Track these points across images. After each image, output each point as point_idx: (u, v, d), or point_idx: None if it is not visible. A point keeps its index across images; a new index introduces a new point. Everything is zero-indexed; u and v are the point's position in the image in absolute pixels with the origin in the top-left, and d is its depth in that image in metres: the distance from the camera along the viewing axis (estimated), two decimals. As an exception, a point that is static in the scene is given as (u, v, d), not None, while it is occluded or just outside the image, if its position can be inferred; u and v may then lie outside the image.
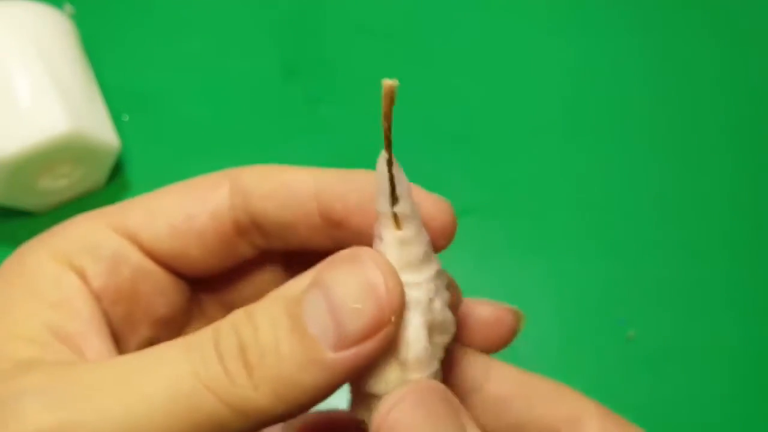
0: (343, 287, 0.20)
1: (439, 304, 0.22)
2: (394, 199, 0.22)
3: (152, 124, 0.52)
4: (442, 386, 0.21)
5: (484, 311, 0.27)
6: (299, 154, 0.49)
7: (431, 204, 0.24)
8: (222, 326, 0.20)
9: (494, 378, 0.25)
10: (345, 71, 0.55)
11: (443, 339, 0.22)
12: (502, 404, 0.24)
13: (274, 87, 0.54)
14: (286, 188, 0.24)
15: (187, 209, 0.24)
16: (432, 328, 0.22)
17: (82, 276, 0.23)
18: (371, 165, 0.24)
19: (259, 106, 0.53)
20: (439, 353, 0.22)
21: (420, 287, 0.22)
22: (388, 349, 0.21)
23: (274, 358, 0.19)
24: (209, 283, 0.26)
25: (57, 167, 0.45)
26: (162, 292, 0.24)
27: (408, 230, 0.22)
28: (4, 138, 0.43)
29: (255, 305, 0.20)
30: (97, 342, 0.22)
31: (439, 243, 0.24)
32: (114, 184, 0.50)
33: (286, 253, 0.26)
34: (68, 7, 0.54)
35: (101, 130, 0.46)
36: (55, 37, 0.48)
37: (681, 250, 0.49)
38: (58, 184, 0.47)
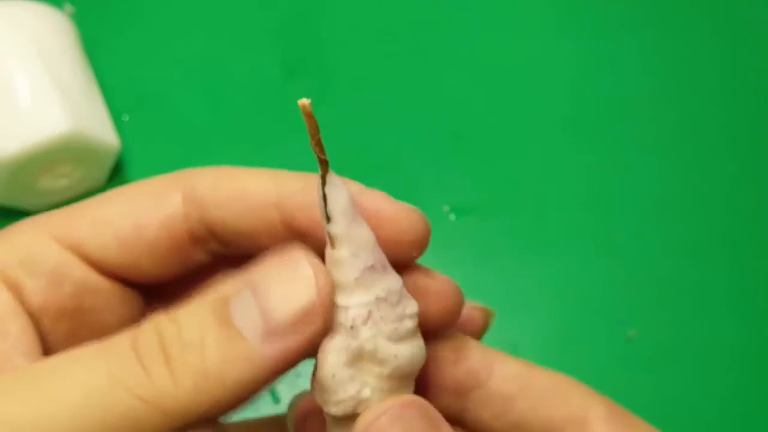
0: (272, 282, 0.19)
1: (368, 333, 0.21)
2: (327, 218, 0.21)
3: (152, 124, 0.52)
4: (422, 402, 0.21)
5: None
6: (299, 154, 0.49)
7: (400, 215, 0.22)
8: (141, 328, 0.19)
9: (498, 374, 0.24)
10: (345, 71, 0.55)
11: (381, 371, 0.21)
12: (505, 402, 0.23)
13: (274, 87, 0.54)
14: (244, 197, 0.23)
15: (136, 219, 0.22)
16: (360, 357, 0.21)
17: (18, 292, 0.22)
18: (371, 165, 0.24)
19: (259, 106, 0.53)
20: (378, 383, 0.21)
21: (345, 311, 0.21)
22: (315, 347, 0.20)
23: (197, 353, 0.19)
24: (163, 289, 0.25)
25: (57, 167, 0.45)
26: (110, 306, 0.23)
27: (339, 251, 0.21)
28: (4, 138, 0.43)
29: (178, 308, 0.20)
30: (21, 362, 0.21)
31: (409, 254, 0.22)
32: (114, 184, 0.50)
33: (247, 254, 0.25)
34: (68, 7, 0.54)
35: (101, 130, 0.46)
36: (55, 37, 0.48)
37: (681, 251, 0.49)
38: (58, 184, 0.47)
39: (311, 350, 0.20)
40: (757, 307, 0.48)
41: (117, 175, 0.50)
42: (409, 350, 0.22)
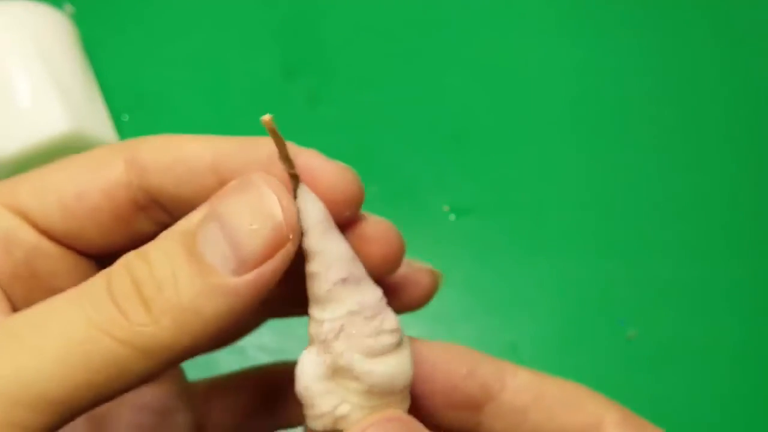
0: (237, 212, 0.19)
1: (341, 347, 0.21)
2: (301, 232, 0.21)
3: (152, 124, 0.52)
4: (406, 417, 0.21)
5: (401, 272, 0.25)
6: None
7: (332, 172, 0.22)
8: (113, 269, 0.19)
9: (510, 386, 0.23)
10: (345, 71, 0.55)
11: (358, 386, 0.21)
12: (519, 414, 0.23)
13: (274, 87, 0.54)
14: (182, 162, 0.22)
15: (78, 186, 0.22)
16: (336, 371, 0.21)
17: None
18: (371, 165, 0.24)
19: (259, 106, 0.53)
20: (360, 399, 0.21)
21: (319, 324, 0.21)
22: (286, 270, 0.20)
23: (172, 290, 0.19)
24: (115, 258, 0.25)
25: (57, 167, 0.45)
26: (64, 273, 0.23)
27: (311, 265, 0.21)
28: (4, 138, 0.43)
29: (149, 244, 0.20)
30: None
31: (343, 212, 0.22)
32: (114, 184, 0.50)
33: None
34: (68, 7, 0.54)
35: (101, 130, 0.46)
36: (55, 37, 0.48)
37: (681, 250, 0.49)
38: (58, 184, 0.47)
39: (283, 270, 0.20)
40: (757, 306, 0.48)
41: (117, 175, 0.50)
42: (387, 367, 0.21)
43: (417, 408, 0.23)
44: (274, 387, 0.30)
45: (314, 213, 0.21)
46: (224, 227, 0.19)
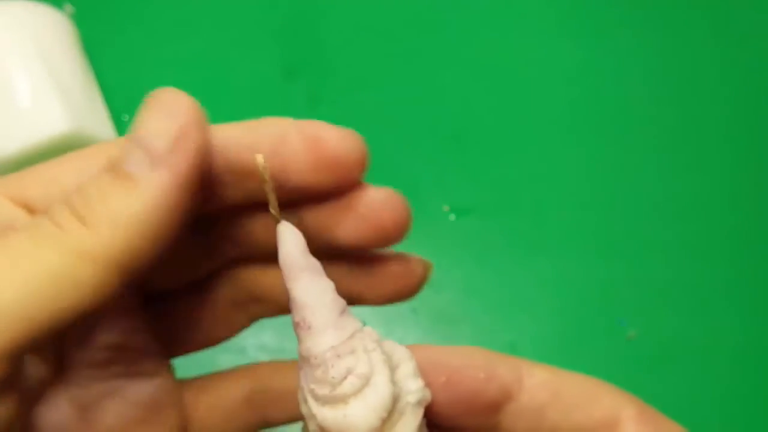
0: (146, 123, 0.21)
1: (302, 381, 0.22)
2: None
3: (152, 124, 0.52)
4: None
5: (395, 262, 0.26)
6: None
7: (336, 138, 0.24)
8: (53, 204, 0.21)
9: (527, 386, 0.23)
10: (345, 71, 0.55)
11: (313, 427, 0.22)
12: (538, 413, 0.23)
13: (274, 87, 0.54)
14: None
15: (82, 179, 0.23)
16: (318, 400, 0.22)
17: None
18: (371, 165, 0.24)
19: (259, 106, 0.53)
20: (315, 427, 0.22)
21: (308, 351, 0.22)
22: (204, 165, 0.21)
23: (102, 202, 0.20)
24: None
25: (57, 167, 0.45)
26: None
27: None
28: (4, 138, 0.43)
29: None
30: None
31: (347, 177, 0.24)
32: (114, 184, 0.50)
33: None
34: (68, 7, 0.54)
35: (101, 130, 0.46)
36: (55, 37, 0.48)
37: (681, 250, 0.49)
38: (58, 184, 0.47)
39: (199, 174, 0.21)
40: (758, 306, 0.48)
41: (117, 175, 0.50)
42: (332, 417, 0.21)
43: (437, 415, 0.23)
44: (261, 386, 0.30)
45: (289, 256, 0.22)
46: (137, 139, 0.21)
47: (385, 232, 0.24)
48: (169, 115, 0.21)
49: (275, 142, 0.23)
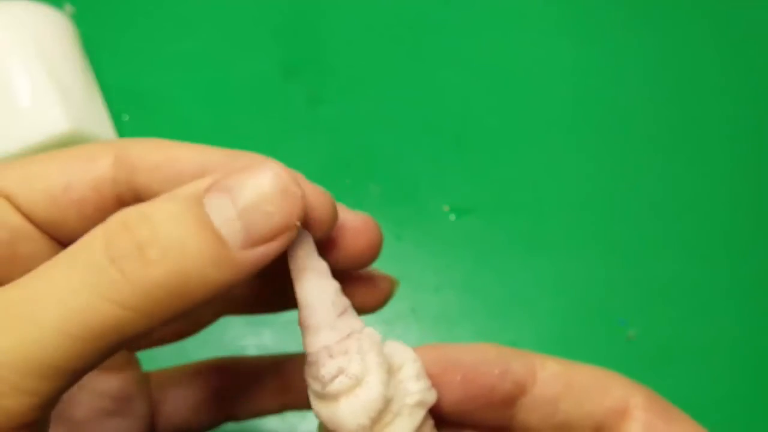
0: (252, 191, 0.20)
1: (306, 377, 0.22)
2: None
3: (152, 124, 0.52)
4: None
5: (365, 277, 0.27)
6: (299, 154, 0.49)
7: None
8: (110, 228, 0.19)
9: (540, 379, 0.24)
10: (345, 71, 0.55)
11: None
12: (550, 405, 0.24)
13: (274, 87, 0.54)
14: (171, 163, 0.23)
15: (67, 177, 0.23)
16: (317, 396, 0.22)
17: None
18: (371, 165, 0.24)
19: (259, 106, 0.53)
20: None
21: (305, 349, 0.22)
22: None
23: (178, 254, 0.19)
24: None
25: (57, 167, 0.45)
26: (42, 256, 0.23)
27: None
28: (4, 138, 0.43)
29: (147, 205, 0.20)
30: None
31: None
32: (114, 184, 0.50)
33: None
34: (68, 7, 0.54)
35: (101, 130, 0.46)
36: (55, 37, 0.48)
37: (682, 250, 0.49)
38: (58, 184, 0.47)
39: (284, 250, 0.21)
40: (758, 306, 0.48)
41: (117, 175, 0.50)
42: (327, 411, 0.22)
43: (454, 413, 0.24)
44: (228, 380, 0.30)
45: (296, 257, 0.22)
46: (237, 202, 0.19)
47: (362, 259, 0.25)
48: (279, 193, 0.20)
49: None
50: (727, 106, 0.54)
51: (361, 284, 0.27)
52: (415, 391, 0.22)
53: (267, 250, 0.20)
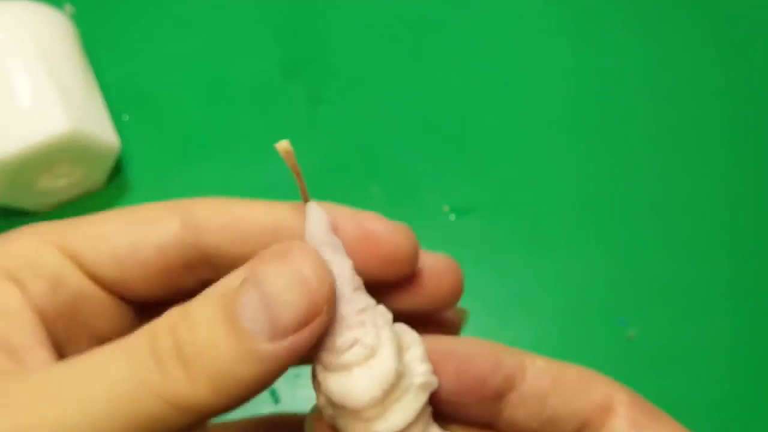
0: (275, 281, 0.20)
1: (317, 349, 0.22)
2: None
3: (152, 124, 0.52)
4: None
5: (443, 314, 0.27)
6: (299, 155, 0.49)
7: (392, 233, 0.24)
8: (158, 326, 0.20)
9: (530, 375, 0.24)
10: (345, 71, 0.55)
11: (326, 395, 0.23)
12: (538, 401, 0.24)
13: (274, 87, 0.54)
14: (237, 222, 0.24)
15: (133, 239, 0.24)
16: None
17: (24, 291, 0.23)
18: (371, 165, 0.24)
19: (259, 106, 0.53)
20: (323, 399, 0.23)
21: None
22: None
23: (210, 354, 0.20)
24: (155, 306, 0.26)
25: (57, 167, 0.45)
26: (103, 314, 0.24)
27: None
28: (4, 138, 0.43)
29: (192, 303, 0.21)
30: (42, 354, 0.22)
31: (401, 270, 0.25)
32: (114, 184, 0.50)
33: None
34: (68, 7, 0.54)
35: (101, 130, 0.46)
36: (55, 37, 0.48)
37: (681, 251, 0.49)
38: (58, 184, 0.47)
39: (317, 340, 0.21)
40: (758, 306, 0.48)
41: (117, 175, 0.50)
42: (334, 384, 0.22)
43: (445, 403, 0.24)
44: None
45: (314, 233, 0.23)
46: (262, 295, 0.20)
47: (443, 302, 0.25)
48: (300, 282, 0.20)
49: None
50: (727, 106, 0.54)
51: (435, 324, 0.27)
52: (421, 372, 0.23)
53: (297, 340, 0.20)
